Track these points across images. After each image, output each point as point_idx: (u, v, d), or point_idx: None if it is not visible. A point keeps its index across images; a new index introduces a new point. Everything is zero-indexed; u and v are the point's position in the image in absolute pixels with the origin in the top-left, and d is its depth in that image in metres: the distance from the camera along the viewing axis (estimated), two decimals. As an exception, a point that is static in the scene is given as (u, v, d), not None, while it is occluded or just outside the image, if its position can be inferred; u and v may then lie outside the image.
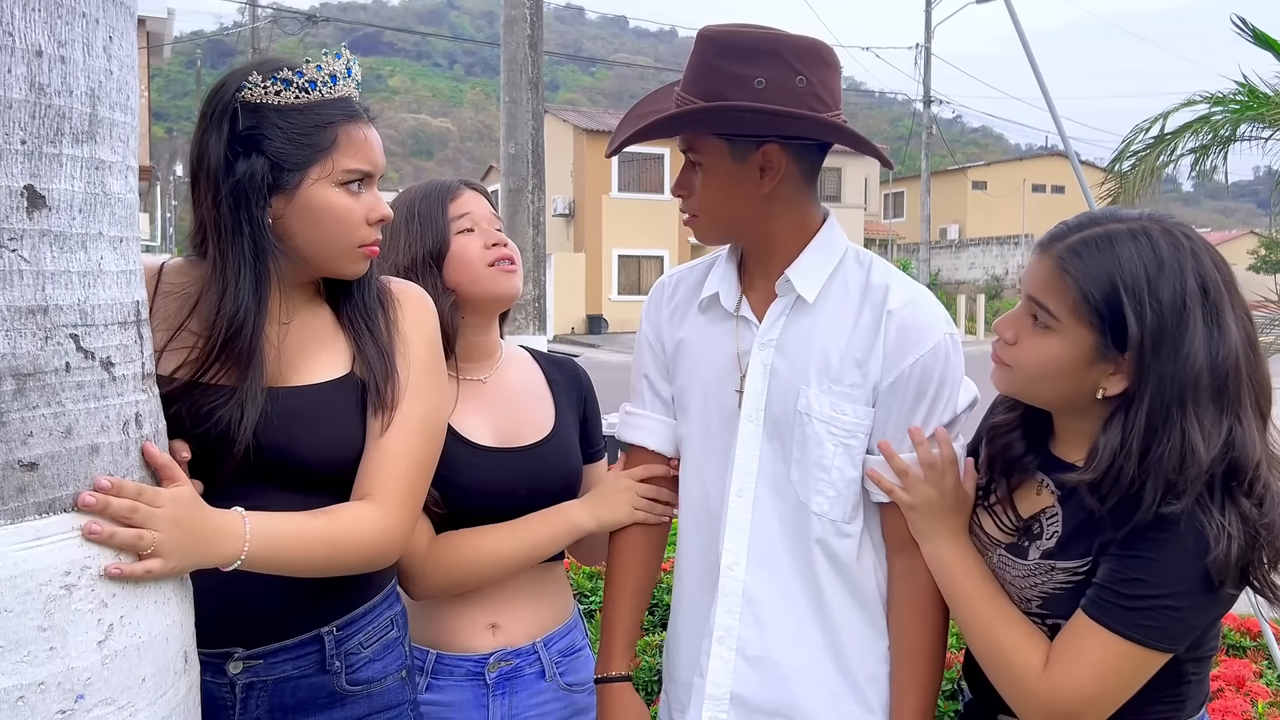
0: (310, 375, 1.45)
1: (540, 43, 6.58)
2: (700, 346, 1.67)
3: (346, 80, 1.44)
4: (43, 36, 1.02)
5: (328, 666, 1.45)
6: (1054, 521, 1.44)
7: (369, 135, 1.45)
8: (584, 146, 29.02)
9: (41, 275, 1.03)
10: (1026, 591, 1.44)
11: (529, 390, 1.84)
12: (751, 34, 1.49)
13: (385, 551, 1.43)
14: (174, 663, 1.17)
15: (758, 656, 1.58)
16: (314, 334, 1.48)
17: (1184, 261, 1.31)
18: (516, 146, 6.52)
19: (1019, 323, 1.42)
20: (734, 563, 1.59)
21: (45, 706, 1.01)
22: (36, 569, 1.01)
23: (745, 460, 1.59)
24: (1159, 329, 1.29)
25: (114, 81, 1.12)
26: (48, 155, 1.03)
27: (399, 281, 1.59)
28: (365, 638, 1.50)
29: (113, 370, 1.11)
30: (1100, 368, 1.35)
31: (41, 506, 1.03)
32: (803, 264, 1.57)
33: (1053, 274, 1.36)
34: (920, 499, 1.50)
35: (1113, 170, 6.27)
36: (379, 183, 1.50)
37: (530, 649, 1.76)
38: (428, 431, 1.50)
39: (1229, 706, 2.68)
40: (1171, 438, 1.27)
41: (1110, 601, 1.32)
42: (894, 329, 1.52)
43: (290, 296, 1.46)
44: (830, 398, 1.54)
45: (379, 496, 1.41)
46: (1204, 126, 5.80)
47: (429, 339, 1.55)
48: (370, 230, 1.46)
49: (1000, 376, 1.47)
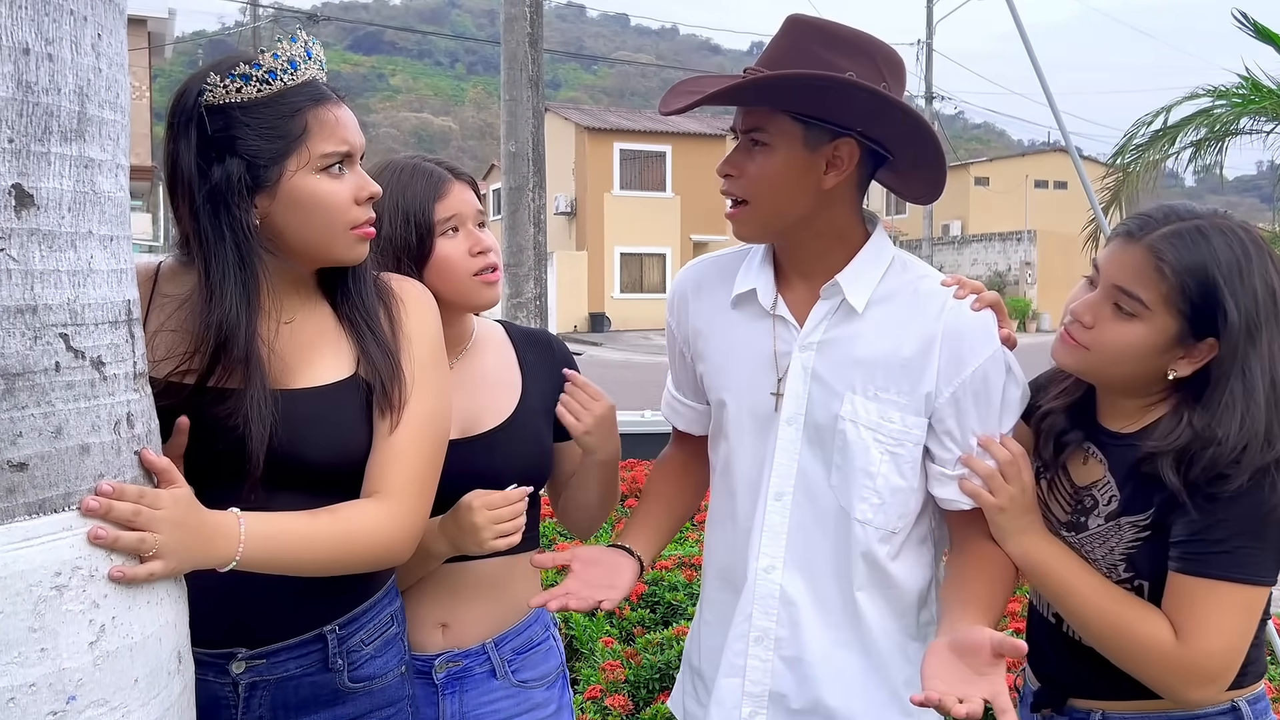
0: (315, 377, 1.43)
1: (540, 40, 6.58)
2: (734, 343, 1.65)
3: (308, 63, 1.40)
4: (30, 34, 1.01)
5: (330, 665, 1.45)
6: (1107, 488, 1.50)
7: (340, 115, 1.41)
8: (585, 144, 29.01)
9: (30, 274, 1.02)
10: (1109, 558, 1.49)
11: (495, 373, 1.78)
12: (847, 28, 1.52)
13: (396, 549, 1.41)
14: (167, 663, 1.17)
15: (794, 657, 1.59)
16: (315, 334, 1.46)
17: (1265, 259, 1.41)
18: (517, 145, 6.51)
19: (1098, 308, 1.46)
20: (770, 566, 1.59)
21: (37, 707, 1.01)
22: (27, 570, 1.01)
23: (784, 464, 1.59)
24: (1254, 318, 1.37)
25: (103, 79, 1.11)
26: (35, 154, 1.03)
27: (399, 278, 1.55)
28: (367, 635, 1.49)
29: (103, 370, 1.10)
30: (1174, 352, 1.43)
31: (31, 507, 1.02)
32: (853, 270, 1.56)
33: (1145, 263, 1.41)
34: (1006, 499, 1.52)
35: (1114, 164, 6.26)
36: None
37: (480, 649, 1.71)
38: (434, 427, 1.48)
39: None
40: (1263, 415, 1.36)
41: (1203, 554, 1.38)
42: (948, 340, 1.52)
43: (286, 296, 1.44)
44: (877, 405, 1.54)
45: (389, 494, 1.40)
46: (1206, 120, 5.79)
47: (432, 336, 1.52)
48: (361, 209, 1.42)
49: (1070, 356, 1.49)
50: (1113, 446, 1.51)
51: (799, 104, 1.47)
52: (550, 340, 1.90)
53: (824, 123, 1.48)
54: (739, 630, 1.61)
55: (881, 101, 1.46)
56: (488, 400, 1.74)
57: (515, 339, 1.84)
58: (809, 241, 1.58)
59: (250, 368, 1.35)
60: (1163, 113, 5.95)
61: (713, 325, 1.69)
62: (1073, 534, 1.53)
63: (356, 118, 1.47)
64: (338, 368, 1.44)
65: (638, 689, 3.11)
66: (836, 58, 1.46)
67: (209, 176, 1.34)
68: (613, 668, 3.10)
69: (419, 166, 1.70)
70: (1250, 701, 1.48)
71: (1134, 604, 1.45)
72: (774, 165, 1.51)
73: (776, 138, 1.50)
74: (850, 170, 1.52)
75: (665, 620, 3.64)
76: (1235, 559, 1.37)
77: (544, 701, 1.75)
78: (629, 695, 3.05)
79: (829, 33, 1.50)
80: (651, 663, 3.17)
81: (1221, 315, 1.37)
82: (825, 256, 1.58)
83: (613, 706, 2.94)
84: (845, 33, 1.50)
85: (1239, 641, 1.40)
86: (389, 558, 1.42)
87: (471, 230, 1.70)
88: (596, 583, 1.58)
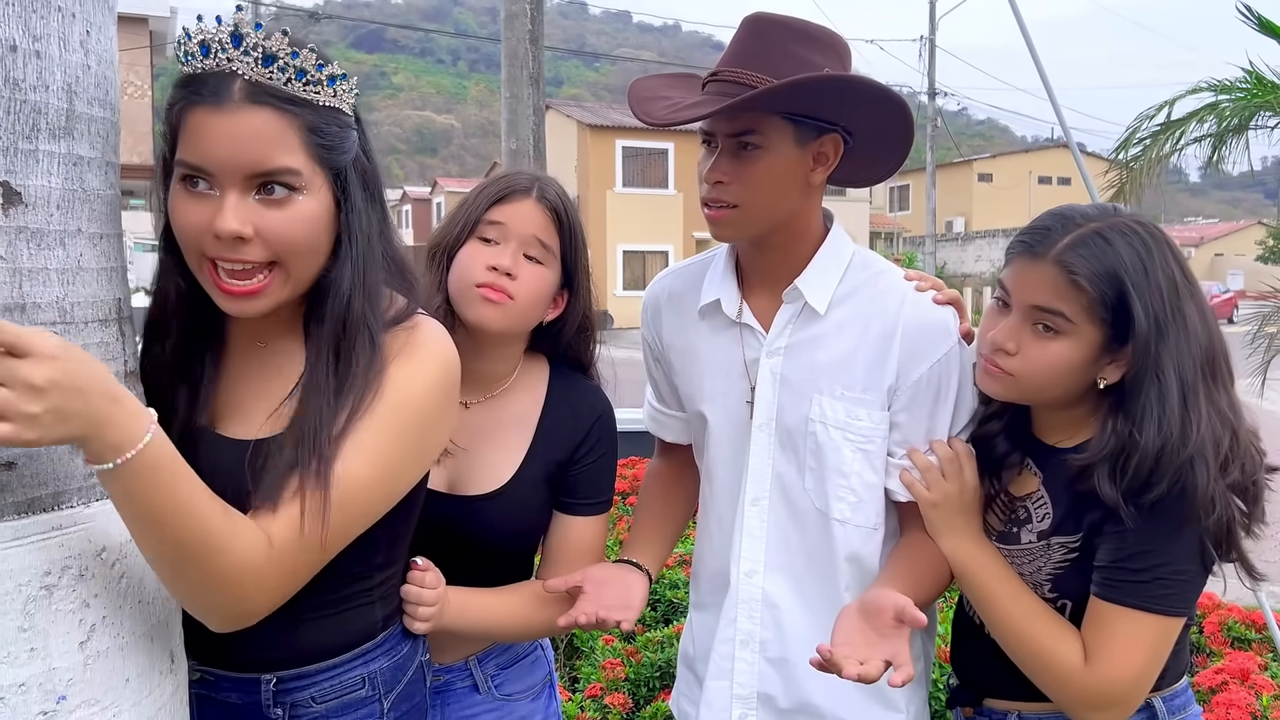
0: (246, 425, 1.25)
1: (541, 38, 6.57)
2: (706, 354, 1.66)
3: (231, 52, 1.13)
4: (16, 31, 1.01)
5: (266, 712, 1.31)
6: (1041, 504, 1.48)
7: (212, 120, 1.12)
8: (588, 141, 28.98)
9: (18, 272, 1.02)
10: (1036, 576, 1.48)
11: (508, 429, 1.63)
12: (811, 23, 1.53)
13: (256, 581, 1.12)
14: (159, 663, 1.16)
15: (779, 658, 1.60)
16: (274, 370, 1.28)
17: (1164, 252, 1.38)
18: (518, 142, 6.50)
19: (1018, 332, 1.43)
20: (752, 570, 1.60)
21: (26, 708, 1.00)
22: (16, 569, 1.00)
23: (759, 469, 1.60)
24: (1161, 317, 1.35)
25: (92, 76, 1.11)
26: (23, 151, 1.02)
27: (425, 323, 1.31)
28: (319, 693, 1.32)
29: (93, 368, 1.09)
30: (1101, 361, 1.40)
31: (20, 506, 1.01)
32: (812, 273, 1.57)
33: (1058, 279, 1.38)
34: (941, 495, 1.52)
35: (1116, 159, 6.23)
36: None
37: (463, 665, 1.66)
38: (364, 492, 1.20)
39: (1233, 699, 2.66)
40: (1177, 415, 1.34)
41: (1121, 580, 1.37)
42: (906, 337, 1.53)
43: (261, 319, 1.24)
44: (844, 404, 1.55)
45: (274, 528, 1.13)
46: (1210, 115, 5.76)
47: (417, 393, 1.24)
48: (216, 243, 1.14)
49: (998, 384, 1.47)
50: (1049, 460, 1.49)
51: (800, 105, 1.47)
52: (593, 404, 1.68)
53: (814, 120, 1.49)
54: (725, 634, 1.63)
55: (880, 95, 1.47)
56: (486, 462, 1.61)
57: (552, 393, 1.66)
58: (779, 243, 1.58)
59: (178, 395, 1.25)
60: (1165, 107, 5.92)
61: (685, 338, 1.70)
62: (1004, 545, 1.52)
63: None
64: (272, 418, 1.24)
65: (638, 687, 3.10)
66: (813, 55, 1.47)
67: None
68: (613, 666, 3.10)
69: (516, 171, 1.65)
70: (1166, 699, 1.47)
71: (1050, 620, 1.44)
72: (771, 167, 1.49)
73: (771, 139, 1.48)
74: (834, 164, 1.54)
75: (665, 618, 3.63)
76: (1152, 589, 1.35)
77: (529, 713, 1.71)
78: (629, 693, 3.05)
79: (799, 30, 1.50)
80: (652, 661, 3.17)
81: (1132, 320, 1.35)
82: (789, 257, 1.58)
83: (613, 705, 2.94)
84: (812, 29, 1.52)
85: (1146, 669, 1.38)
86: (247, 585, 1.11)
87: (505, 248, 1.55)
88: (611, 603, 1.56)
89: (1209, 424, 1.34)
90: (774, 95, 1.43)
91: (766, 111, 1.47)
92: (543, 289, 1.58)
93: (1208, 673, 2.90)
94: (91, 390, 0.94)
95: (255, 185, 1.15)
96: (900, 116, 1.52)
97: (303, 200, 1.17)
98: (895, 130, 1.55)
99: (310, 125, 1.17)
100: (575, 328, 1.68)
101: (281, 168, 1.15)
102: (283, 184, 1.16)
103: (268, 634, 1.21)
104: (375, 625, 1.37)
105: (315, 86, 1.18)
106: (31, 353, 0.91)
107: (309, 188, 1.18)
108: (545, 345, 1.69)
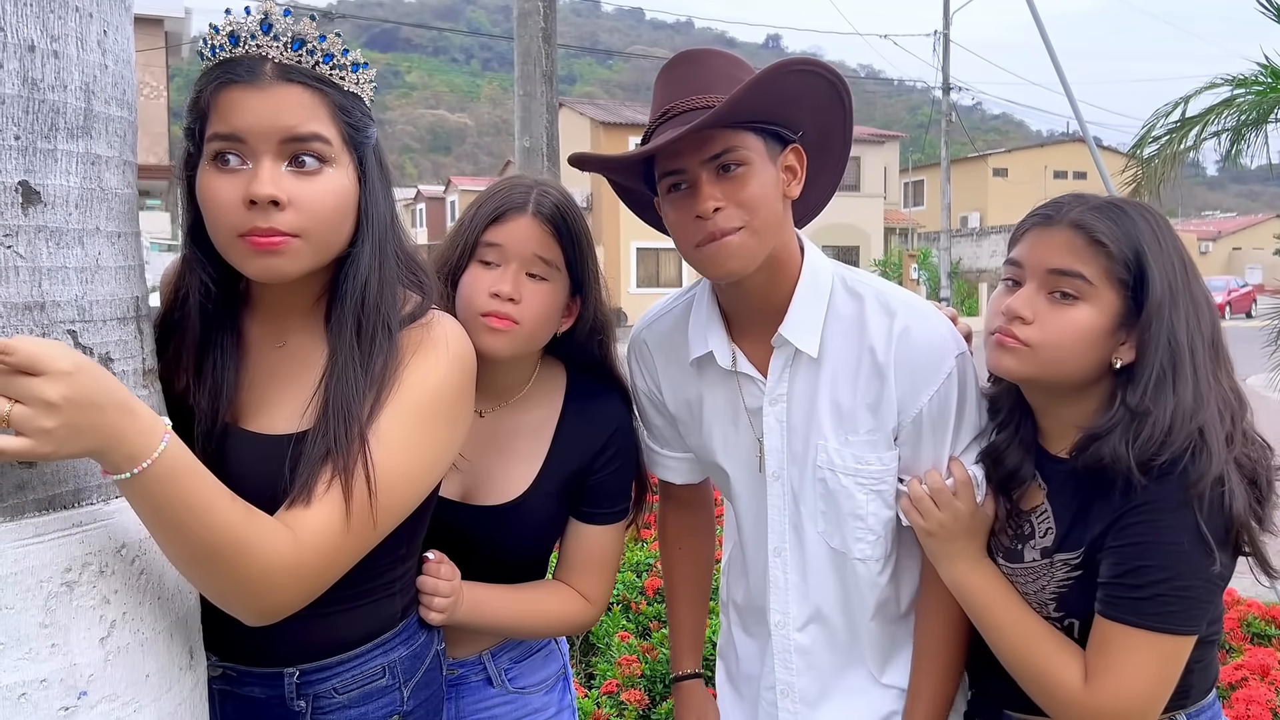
0: (273, 420, 1.28)
1: (554, 36, 6.57)
2: (710, 406, 1.64)
3: (261, 39, 1.18)
4: (35, 31, 1.01)
5: (290, 705, 1.34)
6: (1045, 519, 1.46)
7: (246, 95, 1.17)
8: (601, 139, 28.98)
9: (38, 271, 1.03)
10: (1042, 595, 1.45)
11: (524, 438, 1.62)
12: (734, 55, 1.54)
13: (287, 577, 1.13)
14: (179, 658, 1.17)
15: (819, 696, 1.64)
16: (298, 365, 1.30)
17: (1173, 235, 1.40)
18: (531, 140, 6.51)
19: (1034, 301, 1.40)
20: (781, 621, 1.63)
21: (48, 703, 1.01)
22: (37, 565, 1.01)
23: (777, 520, 1.61)
24: (1175, 286, 1.35)
25: (109, 76, 1.11)
26: (42, 151, 1.03)
27: (441, 319, 1.32)
28: (341, 684, 1.35)
29: (112, 366, 1.10)
30: (1117, 337, 1.38)
31: (41, 503, 1.02)
32: (795, 316, 1.52)
33: (1077, 240, 1.38)
34: (934, 524, 1.50)
35: (1134, 156, 6.19)
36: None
37: (476, 659, 1.67)
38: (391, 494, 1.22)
39: (1253, 695, 2.65)
40: (1189, 383, 1.33)
41: (1120, 597, 1.33)
42: (900, 373, 1.49)
43: (285, 316, 1.30)
44: (851, 450, 1.53)
45: (301, 528, 1.14)
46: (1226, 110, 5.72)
47: (433, 386, 1.26)
48: (253, 213, 1.16)
49: (1011, 358, 1.41)
50: (1053, 471, 1.46)
51: (770, 104, 1.42)
52: (611, 411, 1.67)
53: (776, 128, 1.45)
54: (768, 680, 1.67)
55: (829, 73, 1.45)
56: (501, 472, 1.61)
57: (569, 401, 1.65)
58: (762, 277, 1.49)
59: (201, 383, 1.26)
60: (1181, 103, 5.88)
61: (684, 390, 1.67)
62: (1009, 564, 1.49)
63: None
64: (293, 416, 1.26)
65: (654, 684, 3.10)
66: (745, 74, 1.45)
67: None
68: (629, 663, 3.10)
69: (512, 184, 1.59)
70: (1192, 715, 1.44)
71: (1049, 641, 1.41)
72: (763, 180, 1.43)
73: (751, 154, 1.42)
74: (802, 178, 1.50)
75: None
76: (1151, 606, 1.30)
77: (543, 706, 1.72)
78: (645, 690, 3.05)
79: (733, 59, 1.52)
80: (668, 658, 3.16)
81: (1148, 285, 1.35)
82: (772, 292, 1.52)
83: (629, 701, 2.94)
84: (732, 56, 1.53)
85: (1152, 690, 1.33)
86: (265, 572, 1.11)
87: (505, 271, 1.52)
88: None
89: (1217, 396, 1.34)
90: (756, 92, 1.36)
91: (739, 126, 1.41)
92: (549, 306, 1.56)
93: (1227, 668, 2.88)
94: (106, 404, 0.96)
95: (288, 155, 1.18)
96: (845, 122, 1.52)
97: (332, 173, 1.21)
98: (837, 120, 1.52)
99: (339, 104, 1.23)
100: (588, 329, 1.67)
101: (315, 133, 1.19)
102: (314, 154, 1.19)
103: (295, 628, 1.22)
104: (395, 616, 1.40)
105: (341, 71, 1.23)
106: (46, 370, 0.92)
107: (338, 162, 1.22)
108: (560, 349, 1.68)
